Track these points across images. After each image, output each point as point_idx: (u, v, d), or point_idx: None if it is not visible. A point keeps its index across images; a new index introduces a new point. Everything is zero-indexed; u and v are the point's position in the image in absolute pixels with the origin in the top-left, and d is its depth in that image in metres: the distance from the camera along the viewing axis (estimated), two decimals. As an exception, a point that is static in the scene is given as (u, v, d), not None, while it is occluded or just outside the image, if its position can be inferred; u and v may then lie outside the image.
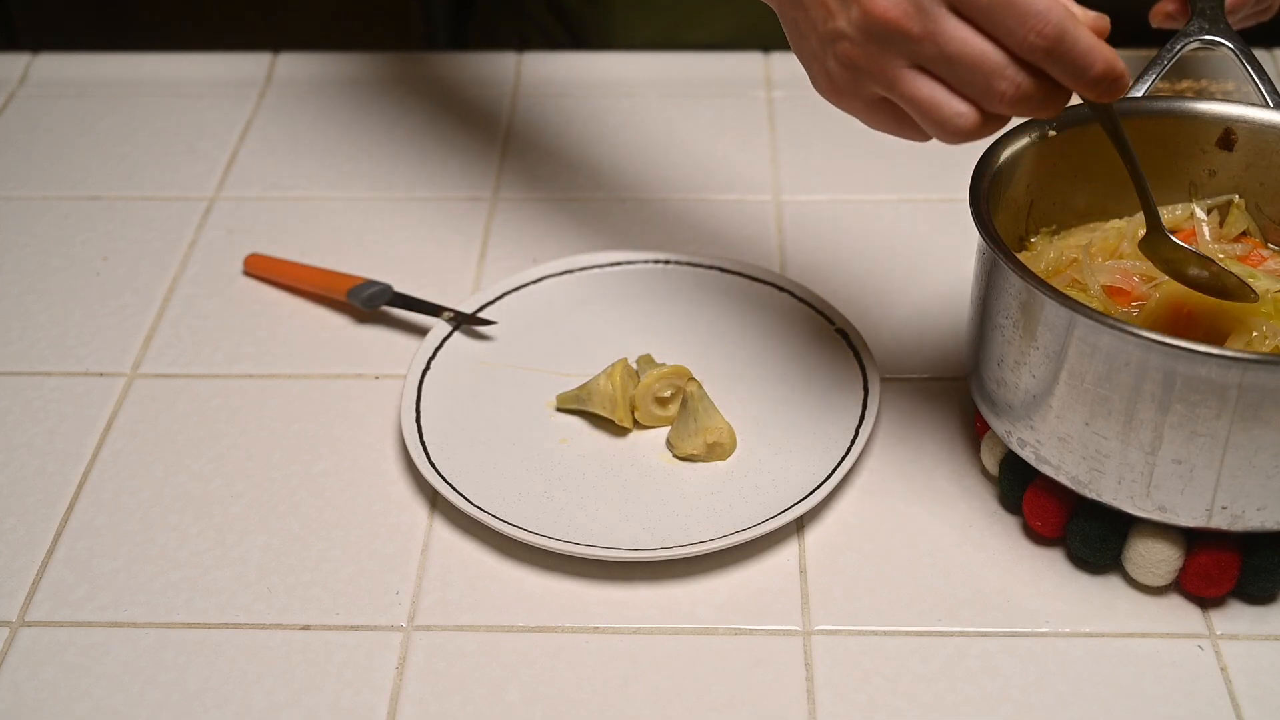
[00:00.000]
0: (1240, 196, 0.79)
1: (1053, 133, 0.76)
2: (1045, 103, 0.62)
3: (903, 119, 0.66)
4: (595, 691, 0.69)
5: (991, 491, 0.78)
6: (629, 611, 0.72)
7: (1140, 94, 0.79)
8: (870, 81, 0.64)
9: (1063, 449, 0.70)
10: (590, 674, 0.70)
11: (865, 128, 0.69)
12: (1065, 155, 0.77)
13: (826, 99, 0.68)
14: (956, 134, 0.63)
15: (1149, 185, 0.69)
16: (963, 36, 0.61)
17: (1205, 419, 0.65)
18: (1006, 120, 0.64)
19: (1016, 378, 0.71)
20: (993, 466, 0.77)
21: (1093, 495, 0.70)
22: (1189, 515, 0.68)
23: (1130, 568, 0.72)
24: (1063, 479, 0.71)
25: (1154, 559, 0.71)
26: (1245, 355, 0.63)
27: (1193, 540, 0.71)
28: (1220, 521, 0.68)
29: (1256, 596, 0.72)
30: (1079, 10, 0.61)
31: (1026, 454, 0.73)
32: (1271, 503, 0.67)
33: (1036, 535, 0.76)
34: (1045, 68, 0.61)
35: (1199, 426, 0.65)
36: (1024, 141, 0.76)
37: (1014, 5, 0.60)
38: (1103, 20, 0.62)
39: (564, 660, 0.70)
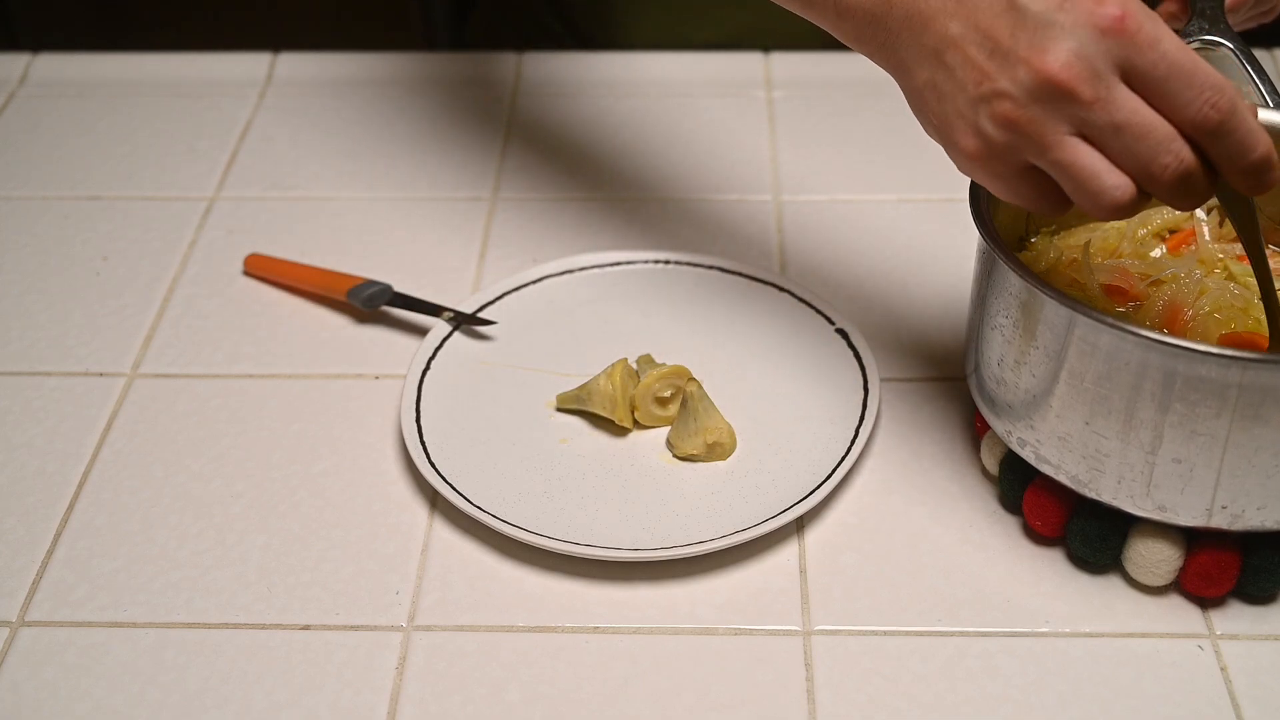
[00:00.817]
0: (1240, 196, 0.79)
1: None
2: (1196, 187, 0.61)
3: (1047, 191, 0.63)
4: (595, 691, 0.69)
5: (991, 491, 0.78)
6: (629, 611, 0.72)
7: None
8: (1025, 146, 0.61)
9: (1063, 448, 0.70)
10: (590, 674, 0.70)
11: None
12: (1065, 155, 0.77)
13: (966, 164, 0.64)
14: (1110, 208, 0.61)
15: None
16: (1133, 106, 0.60)
17: (1205, 418, 0.65)
18: (1149, 200, 0.62)
19: (1016, 377, 0.71)
20: (993, 466, 0.77)
21: (1093, 495, 0.70)
22: (1189, 515, 0.68)
23: (1130, 568, 0.72)
24: (1063, 478, 0.71)
25: (1154, 559, 0.71)
26: (1245, 354, 0.63)
27: (1193, 540, 0.71)
28: (1220, 521, 0.68)
29: (1256, 596, 0.72)
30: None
31: (1026, 453, 0.73)
32: (1271, 502, 0.67)
33: (1036, 535, 0.76)
34: (1209, 145, 0.60)
35: (1199, 426, 0.65)
36: (1024, 141, 0.76)
37: (1192, 75, 0.59)
38: (1258, 112, 0.61)
39: (564, 660, 0.70)
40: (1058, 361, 0.68)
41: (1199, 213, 0.79)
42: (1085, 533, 0.72)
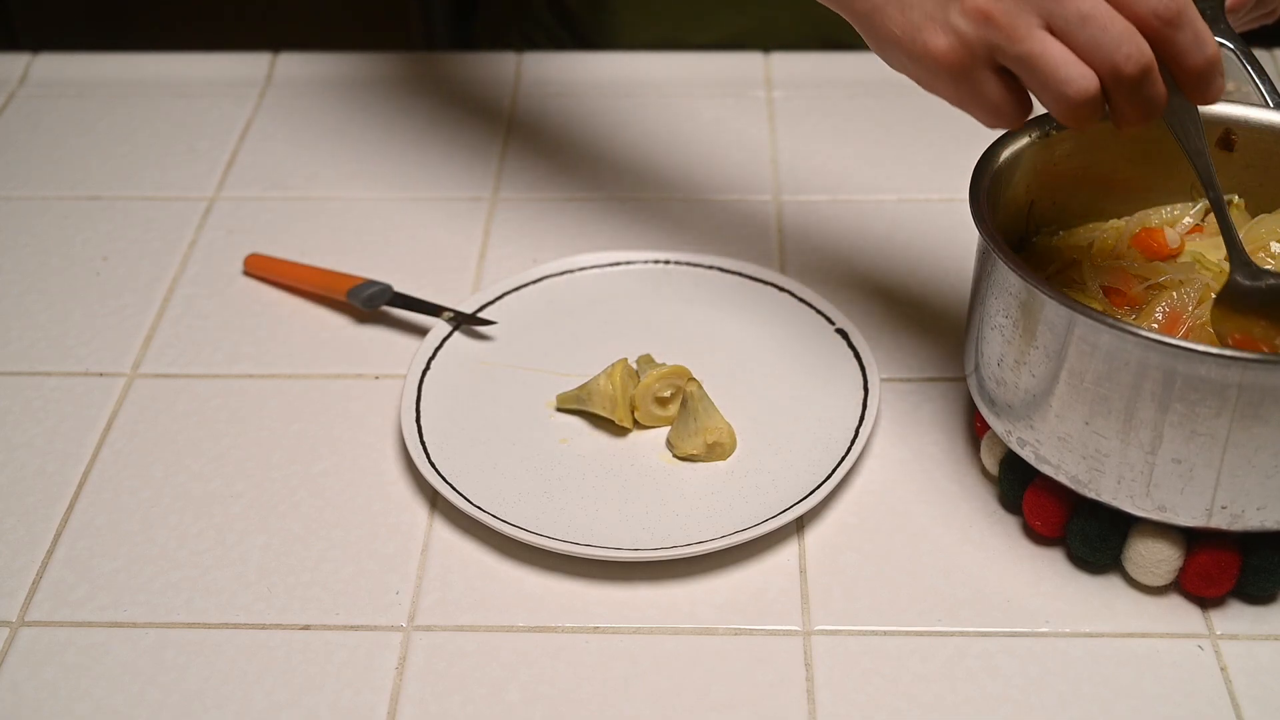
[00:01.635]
0: (1240, 197, 0.79)
1: (1054, 132, 0.76)
2: (1154, 85, 0.63)
3: (1010, 92, 0.65)
4: (595, 691, 0.69)
5: (991, 491, 0.78)
6: (629, 611, 0.72)
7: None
8: (997, 37, 0.63)
9: (1062, 448, 0.70)
10: (590, 674, 0.70)
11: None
12: (1065, 155, 0.77)
13: (933, 68, 0.66)
14: (1074, 101, 0.63)
15: (1230, 213, 0.69)
16: (1096, 0, 0.62)
17: (1205, 418, 0.65)
18: (1102, 111, 0.64)
19: (1016, 377, 0.71)
20: (993, 466, 0.77)
21: (1092, 495, 0.70)
22: (1189, 515, 0.68)
23: (1130, 568, 0.72)
24: (1062, 478, 0.71)
25: (1154, 559, 0.71)
26: (1245, 354, 0.63)
27: (1193, 540, 0.71)
28: (1220, 521, 0.68)
29: (1256, 596, 0.72)
30: None
31: (1026, 453, 0.73)
32: (1271, 502, 0.67)
33: (1036, 535, 0.76)
34: (1165, 38, 0.63)
35: (1198, 425, 0.65)
36: (1024, 141, 0.76)
37: None
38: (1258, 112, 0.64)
39: (564, 660, 0.70)
40: (1057, 361, 0.68)
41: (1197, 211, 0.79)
42: (1085, 533, 0.72)
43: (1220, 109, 0.77)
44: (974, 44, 0.64)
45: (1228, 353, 0.63)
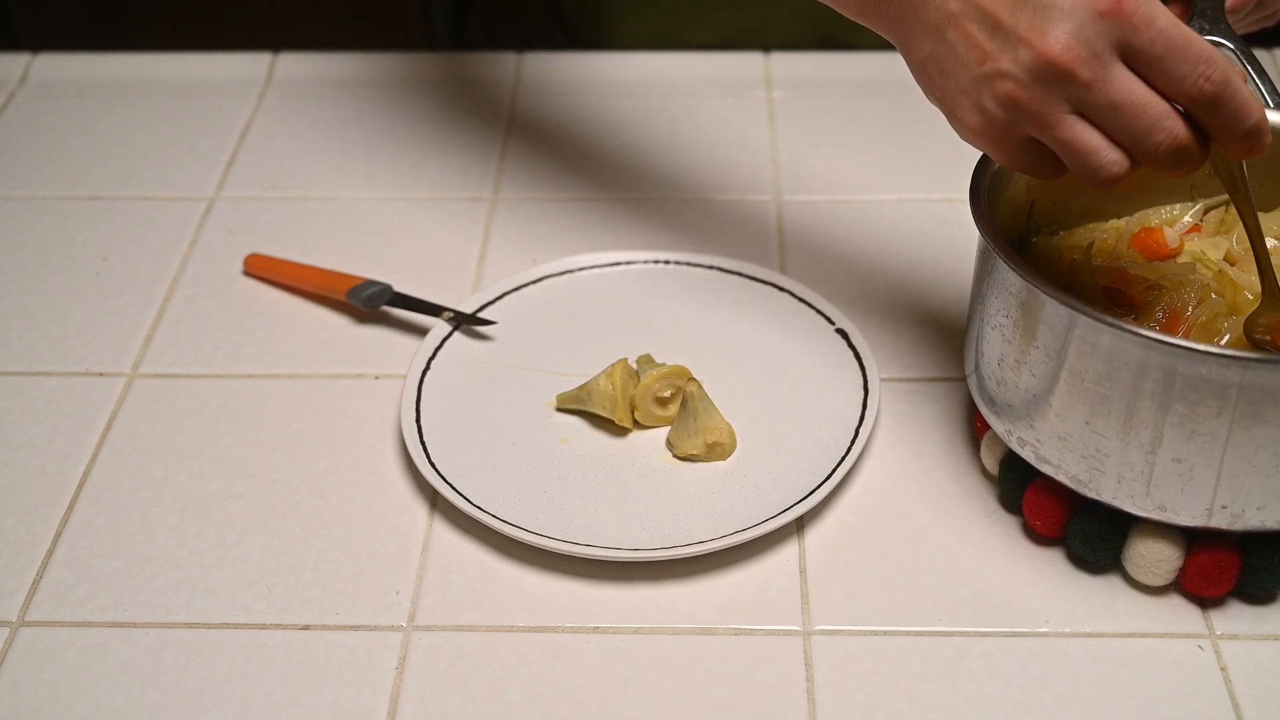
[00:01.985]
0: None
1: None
2: (1189, 158, 0.63)
3: (1044, 160, 0.65)
4: (595, 691, 0.69)
5: (991, 491, 0.78)
6: (629, 611, 0.72)
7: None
8: (1027, 123, 0.63)
9: (1063, 448, 0.70)
10: (590, 674, 0.70)
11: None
12: (1065, 155, 0.77)
13: (969, 136, 0.66)
14: (1105, 180, 0.63)
15: (1267, 250, 0.70)
16: (1129, 85, 0.62)
17: (1205, 418, 0.65)
18: (1140, 166, 0.64)
19: (1016, 377, 0.71)
20: (993, 466, 0.77)
21: (1093, 494, 0.70)
22: (1189, 514, 0.68)
23: (1130, 567, 0.72)
24: (1063, 478, 0.71)
25: (1154, 559, 0.71)
26: (1245, 354, 0.63)
27: (1193, 540, 0.71)
28: (1220, 521, 0.68)
29: (1256, 596, 0.72)
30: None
31: (1026, 453, 0.72)
32: (1271, 502, 0.67)
33: (1036, 535, 0.76)
34: (1204, 116, 0.62)
35: (1199, 425, 0.65)
36: (1024, 141, 0.76)
37: (1186, 51, 0.61)
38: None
39: (564, 660, 0.70)
40: (1058, 361, 0.68)
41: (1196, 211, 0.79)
42: (1085, 533, 0.72)
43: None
44: (1003, 125, 0.64)
45: (1228, 352, 0.63)
